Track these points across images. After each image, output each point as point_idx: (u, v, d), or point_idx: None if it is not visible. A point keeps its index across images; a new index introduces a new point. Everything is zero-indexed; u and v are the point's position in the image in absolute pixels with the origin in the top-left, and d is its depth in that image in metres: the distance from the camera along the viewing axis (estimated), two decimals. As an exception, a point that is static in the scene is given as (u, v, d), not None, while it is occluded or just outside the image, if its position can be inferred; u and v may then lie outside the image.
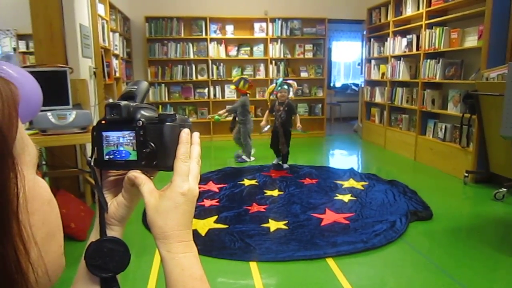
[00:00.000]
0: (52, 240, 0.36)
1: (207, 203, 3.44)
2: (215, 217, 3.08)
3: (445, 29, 4.57)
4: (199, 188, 0.54)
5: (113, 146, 0.54)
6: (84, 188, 3.52)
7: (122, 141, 0.53)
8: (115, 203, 0.55)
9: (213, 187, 3.88)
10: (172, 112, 0.53)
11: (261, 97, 6.94)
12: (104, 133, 0.54)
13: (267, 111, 4.88)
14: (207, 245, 2.60)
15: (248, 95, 5.05)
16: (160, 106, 6.67)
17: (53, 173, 3.50)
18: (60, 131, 2.80)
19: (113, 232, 0.55)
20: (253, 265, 2.39)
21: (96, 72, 4.03)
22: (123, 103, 0.52)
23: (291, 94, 4.68)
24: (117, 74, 5.32)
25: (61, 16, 3.44)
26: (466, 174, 4.00)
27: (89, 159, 0.55)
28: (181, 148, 0.52)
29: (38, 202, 0.34)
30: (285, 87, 4.58)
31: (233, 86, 5.08)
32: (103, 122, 0.54)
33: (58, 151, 3.36)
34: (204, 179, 4.11)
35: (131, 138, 0.53)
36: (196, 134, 0.55)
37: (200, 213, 3.17)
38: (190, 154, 0.53)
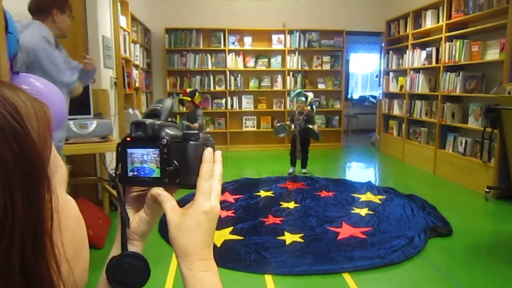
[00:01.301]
0: (80, 256, 0.37)
1: (223, 213, 3.44)
2: (230, 228, 3.08)
3: (466, 42, 4.51)
4: None
5: (138, 163, 0.54)
6: (102, 196, 3.58)
7: (146, 158, 0.54)
8: (137, 219, 0.56)
9: (229, 197, 3.89)
10: (195, 131, 0.54)
11: (278, 108, 6.96)
12: (129, 150, 0.55)
13: (288, 121, 5.05)
14: (222, 257, 2.60)
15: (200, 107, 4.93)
16: (178, 116, 6.75)
17: (72, 181, 3.56)
18: (81, 139, 2.86)
19: (134, 247, 0.56)
20: (268, 278, 2.37)
21: (116, 82, 4.11)
22: (148, 121, 0.53)
23: (314, 108, 4.93)
24: (137, 84, 5.42)
25: (85, 28, 3.54)
26: (488, 190, 3.90)
27: (113, 174, 0.56)
28: (204, 167, 0.53)
29: (68, 220, 0.35)
30: (302, 98, 4.76)
31: (187, 98, 4.67)
32: (128, 139, 0.55)
33: (77, 159, 3.43)
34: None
35: (155, 155, 0.54)
36: (218, 153, 0.56)
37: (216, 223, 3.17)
38: (213, 173, 0.54)
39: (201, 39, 6.68)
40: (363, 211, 3.49)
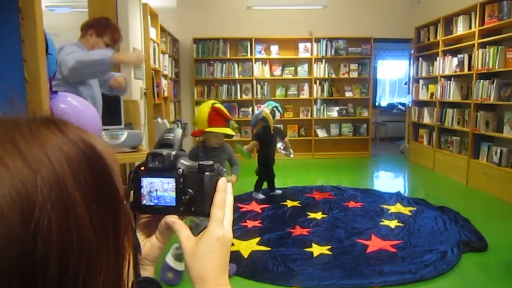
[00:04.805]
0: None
1: (250, 223, 3.44)
2: (258, 239, 3.07)
3: (500, 48, 4.36)
4: (242, 208, 0.55)
5: (153, 192, 0.56)
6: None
7: (161, 187, 0.56)
8: (148, 245, 0.58)
9: (256, 207, 3.89)
10: (210, 162, 0.56)
11: (304, 116, 6.93)
12: (143, 179, 0.56)
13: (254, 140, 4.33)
14: (249, 268, 2.59)
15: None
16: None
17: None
18: (113, 150, 2.93)
19: (146, 272, 0.58)
20: (295, 291, 2.35)
21: (146, 93, 4.21)
22: (165, 152, 0.55)
23: (275, 114, 4.24)
24: (166, 94, 5.53)
25: (117, 41, 3.64)
26: (525, 203, 3.74)
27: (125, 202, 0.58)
28: (218, 196, 0.55)
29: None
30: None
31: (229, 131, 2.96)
32: (142, 168, 0.56)
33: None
34: (246, 198, 4.13)
35: (171, 185, 0.55)
36: (229, 185, 0.57)
37: (243, 234, 3.18)
38: (225, 201, 0.55)
39: (228, 49, 6.75)
40: (393, 223, 3.41)
